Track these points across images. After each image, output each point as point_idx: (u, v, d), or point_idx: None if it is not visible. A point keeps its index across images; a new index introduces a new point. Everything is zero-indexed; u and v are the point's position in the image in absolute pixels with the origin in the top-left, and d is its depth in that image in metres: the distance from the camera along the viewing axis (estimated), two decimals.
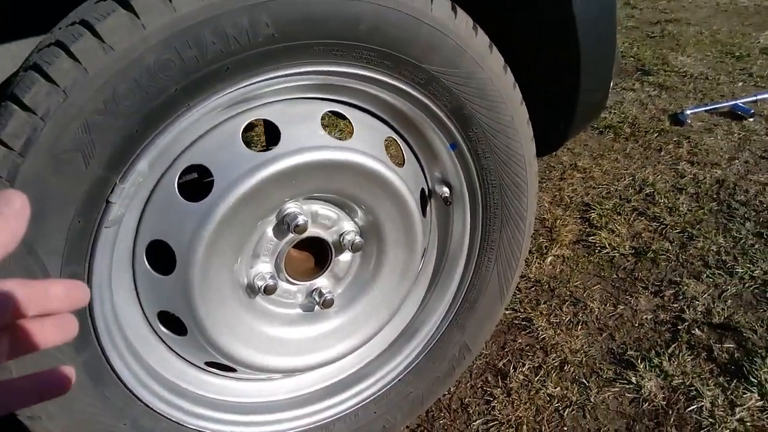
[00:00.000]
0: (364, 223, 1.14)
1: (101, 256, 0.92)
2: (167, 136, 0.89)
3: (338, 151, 1.03)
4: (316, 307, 1.16)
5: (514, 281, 1.36)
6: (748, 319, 1.59)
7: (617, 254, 1.91)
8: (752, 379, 1.40)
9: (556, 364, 1.53)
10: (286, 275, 1.12)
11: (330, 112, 1.09)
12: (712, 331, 1.57)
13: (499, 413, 1.42)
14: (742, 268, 1.76)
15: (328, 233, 1.12)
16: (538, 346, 1.60)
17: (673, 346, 1.54)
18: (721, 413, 1.34)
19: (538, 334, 1.63)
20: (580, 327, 1.64)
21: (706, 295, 1.69)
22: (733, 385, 1.41)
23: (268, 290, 1.07)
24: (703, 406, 1.36)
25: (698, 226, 1.98)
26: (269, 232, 1.06)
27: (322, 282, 1.18)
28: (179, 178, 0.97)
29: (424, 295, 1.36)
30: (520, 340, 1.63)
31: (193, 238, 0.96)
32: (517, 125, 1.17)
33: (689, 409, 1.37)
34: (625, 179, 2.32)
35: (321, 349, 1.21)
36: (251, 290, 1.09)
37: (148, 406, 1.05)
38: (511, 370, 1.53)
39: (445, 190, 1.25)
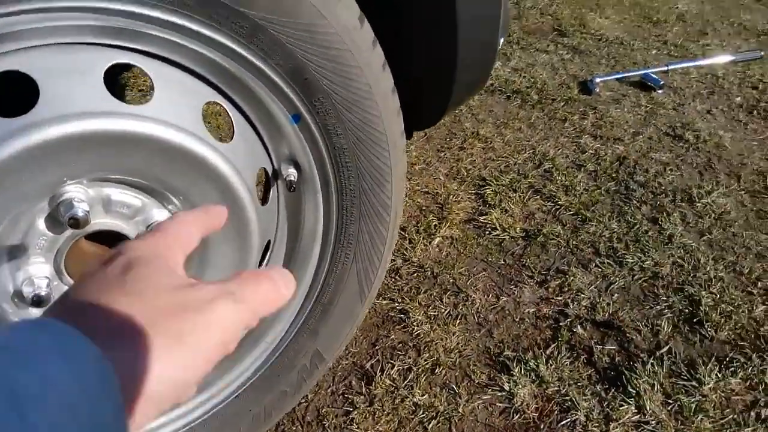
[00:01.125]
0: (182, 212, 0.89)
1: None
2: None
3: (122, 120, 0.76)
4: None
5: (377, 280, 1.16)
6: (633, 317, 1.48)
7: (507, 237, 1.75)
8: (630, 389, 1.29)
9: (427, 366, 1.37)
10: (73, 279, 0.86)
11: (121, 64, 0.81)
12: (595, 330, 1.46)
13: (358, 427, 1.24)
14: (633, 258, 1.65)
15: (130, 225, 0.86)
16: (411, 344, 1.43)
17: (553, 346, 1.41)
18: (595, 429, 1.22)
19: (414, 329, 1.46)
20: (458, 321, 1.48)
21: (592, 287, 1.58)
22: (610, 394, 1.29)
23: (41, 302, 0.81)
24: (576, 419, 1.24)
25: (593, 208, 1.86)
26: (40, 223, 0.79)
27: None
28: None
29: None
30: (393, 336, 1.45)
31: None
32: (377, 96, 0.94)
33: (562, 423, 1.24)
34: (525, 151, 2.16)
35: None
36: (21, 299, 0.82)
37: None
38: (378, 373, 1.35)
39: (292, 172, 1.00)
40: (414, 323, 1.47)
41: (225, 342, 0.31)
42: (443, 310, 1.51)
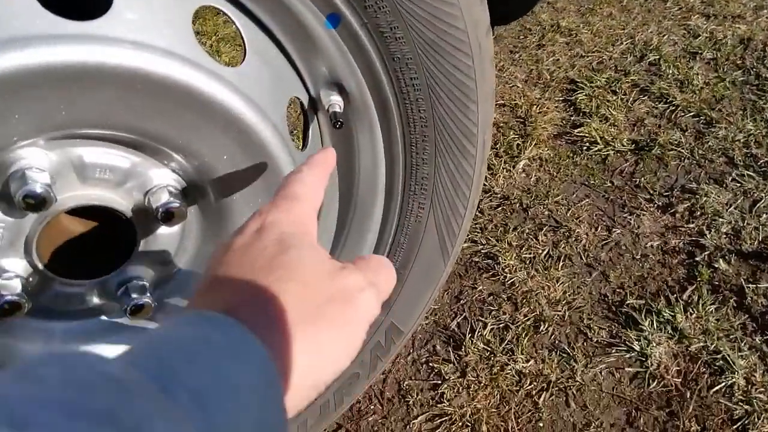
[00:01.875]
0: (190, 171, 0.64)
1: None
2: None
3: (65, 46, 0.51)
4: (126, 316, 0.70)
5: (462, 231, 0.89)
6: None
7: (612, 152, 1.42)
8: None
9: (528, 322, 1.11)
10: (53, 274, 0.65)
11: None
12: (743, 264, 1.14)
13: (449, 405, 1.02)
14: None
15: (120, 194, 0.63)
16: (504, 296, 1.17)
17: (690, 289, 1.11)
18: (760, 395, 0.94)
19: (506, 276, 1.19)
20: (561, 264, 1.20)
21: (732, 207, 1.24)
22: None
23: (7, 312, 0.61)
24: (734, 383, 0.97)
25: (718, 107, 1.49)
26: None
27: (136, 271, 0.70)
28: None
29: None
30: (480, 288, 1.19)
31: None
32: None
33: (715, 389, 0.97)
34: (621, 42, 1.77)
35: None
36: None
37: None
38: (468, 335, 1.11)
39: (337, 100, 0.72)
40: (505, 269, 1.21)
41: (366, 332, 0.33)
42: (540, 251, 1.24)
